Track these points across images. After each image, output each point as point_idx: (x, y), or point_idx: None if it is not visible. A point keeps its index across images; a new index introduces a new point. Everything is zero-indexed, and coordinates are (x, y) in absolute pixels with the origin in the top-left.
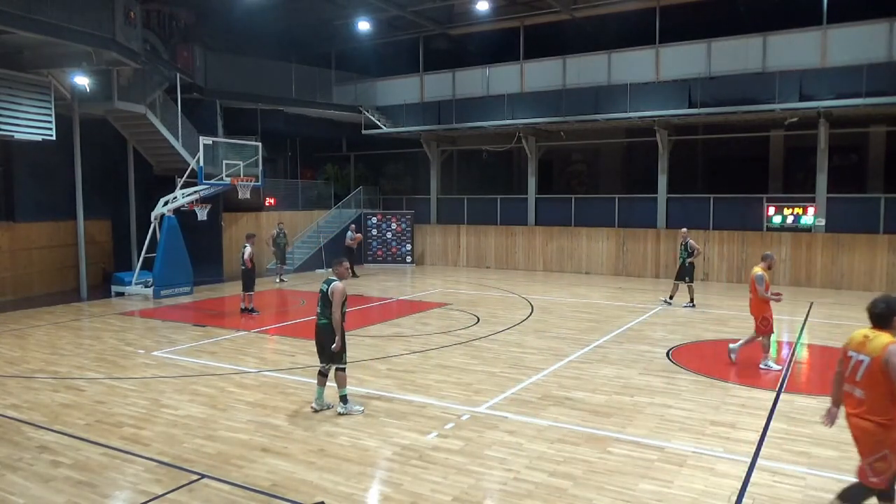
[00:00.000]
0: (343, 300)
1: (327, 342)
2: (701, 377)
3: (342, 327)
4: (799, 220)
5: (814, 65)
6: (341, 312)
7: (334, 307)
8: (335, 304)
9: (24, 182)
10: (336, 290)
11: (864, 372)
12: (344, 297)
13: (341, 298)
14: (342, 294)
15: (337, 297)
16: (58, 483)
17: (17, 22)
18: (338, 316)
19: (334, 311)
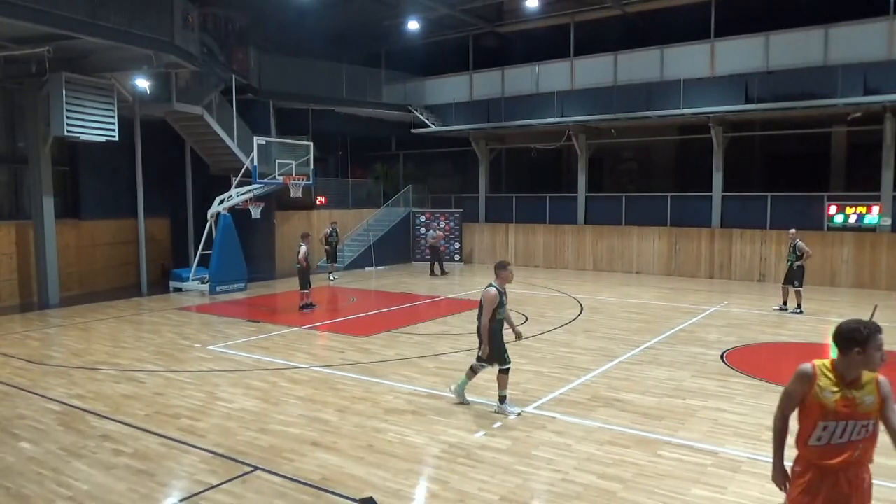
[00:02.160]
0: (494, 306)
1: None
2: (757, 381)
3: (490, 332)
4: (862, 219)
5: (879, 57)
6: (490, 318)
7: (483, 313)
8: (484, 310)
9: (88, 182)
10: (486, 295)
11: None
12: (495, 303)
13: (491, 305)
14: (492, 301)
15: (486, 304)
16: (119, 471)
17: (82, 28)
18: (485, 322)
19: (483, 316)
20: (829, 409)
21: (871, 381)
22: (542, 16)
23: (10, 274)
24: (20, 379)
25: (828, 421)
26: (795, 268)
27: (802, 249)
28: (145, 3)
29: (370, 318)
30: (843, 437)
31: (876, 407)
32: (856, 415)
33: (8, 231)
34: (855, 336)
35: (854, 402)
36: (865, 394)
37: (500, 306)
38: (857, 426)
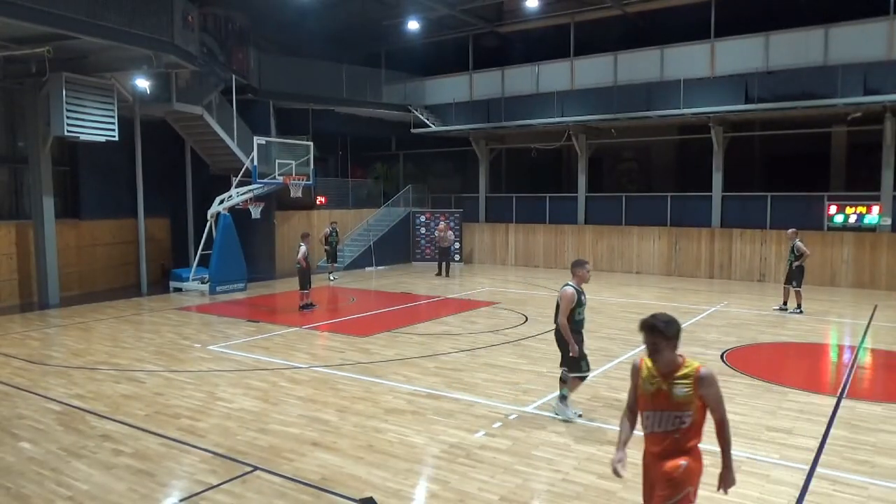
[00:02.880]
0: (571, 305)
1: (560, 346)
2: (756, 381)
3: (570, 333)
4: (862, 219)
5: (879, 57)
6: (567, 318)
7: (560, 313)
8: (561, 309)
9: (88, 182)
10: (564, 295)
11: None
12: (573, 302)
13: (568, 304)
14: (570, 300)
15: (563, 303)
16: (119, 471)
17: (82, 28)
18: (562, 320)
19: (560, 316)
20: (648, 399)
21: (689, 374)
22: (542, 16)
23: (10, 274)
24: (20, 379)
25: (647, 411)
26: (794, 268)
27: (801, 250)
28: (145, 3)
29: (370, 318)
30: (660, 426)
31: (690, 399)
32: (669, 405)
33: (8, 231)
34: (678, 327)
35: (666, 393)
36: (680, 386)
37: (578, 305)
38: (670, 417)
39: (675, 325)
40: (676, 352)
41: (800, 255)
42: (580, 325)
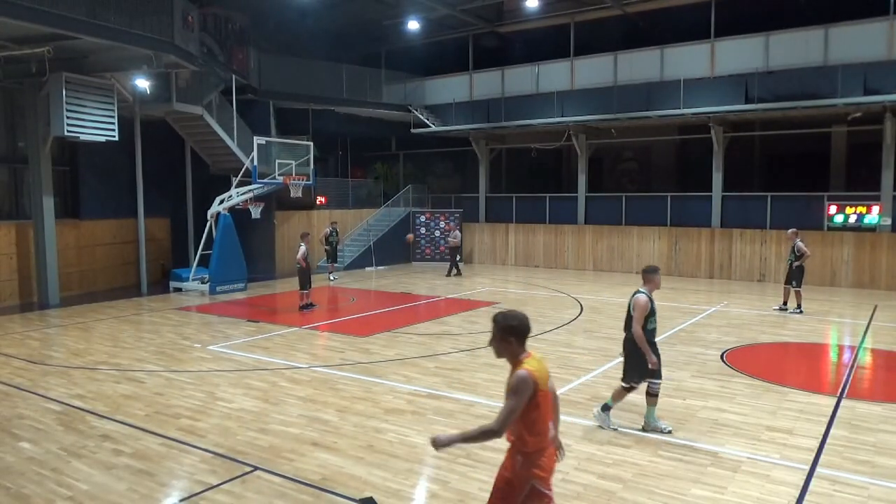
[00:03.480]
0: (645, 314)
1: (628, 355)
2: (757, 381)
3: (646, 342)
4: (862, 219)
5: (879, 57)
6: (643, 327)
7: (634, 321)
8: (635, 318)
9: (88, 181)
10: (637, 302)
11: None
12: (646, 310)
13: (642, 312)
14: (644, 308)
15: (637, 311)
16: (119, 471)
17: (82, 28)
18: (637, 329)
19: (634, 324)
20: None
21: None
22: (542, 16)
23: (10, 274)
24: (20, 379)
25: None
26: (795, 268)
27: (801, 250)
28: (145, 3)
29: (370, 318)
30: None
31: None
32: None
33: (8, 231)
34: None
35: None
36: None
37: (651, 314)
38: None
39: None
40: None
41: (800, 255)
42: (652, 336)
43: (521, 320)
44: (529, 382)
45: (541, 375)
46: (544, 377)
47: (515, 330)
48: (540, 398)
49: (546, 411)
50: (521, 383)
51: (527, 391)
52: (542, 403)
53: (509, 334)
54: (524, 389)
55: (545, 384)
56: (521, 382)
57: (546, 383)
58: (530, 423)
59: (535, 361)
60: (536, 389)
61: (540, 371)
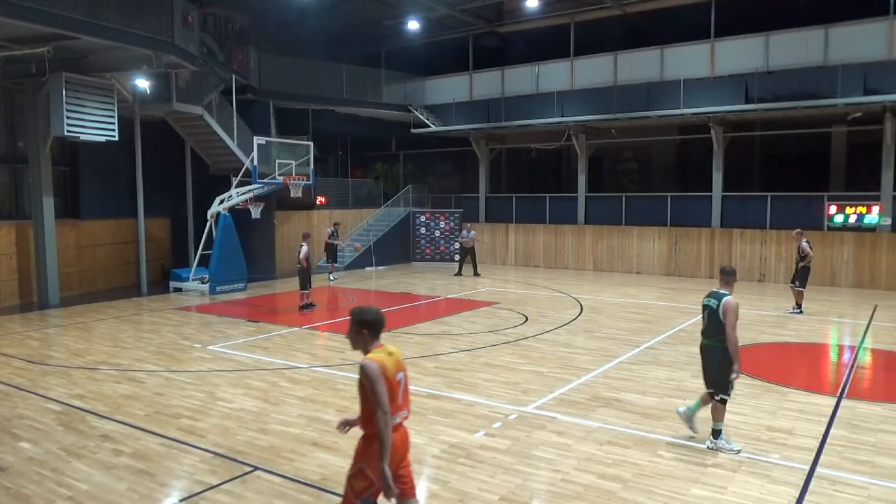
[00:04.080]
0: (736, 320)
1: (710, 365)
2: (757, 381)
3: (737, 351)
4: (862, 219)
5: (880, 57)
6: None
7: (729, 326)
8: (730, 323)
9: (88, 182)
10: (730, 306)
11: (404, 388)
12: (737, 316)
13: (735, 318)
14: (736, 312)
15: (731, 316)
16: (119, 471)
17: (82, 28)
18: (734, 337)
19: (729, 330)
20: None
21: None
22: (542, 16)
23: (10, 274)
24: (20, 379)
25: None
26: (800, 268)
27: (804, 251)
28: (145, 3)
29: None
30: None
31: (359, 383)
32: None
33: (8, 231)
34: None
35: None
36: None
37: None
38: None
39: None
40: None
41: (803, 255)
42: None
43: (375, 315)
44: (375, 369)
45: (385, 365)
46: (391, 367)
47: (369, 323)
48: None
49: (391, 399)
50: (370, 371)
51: (378, 375)
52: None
53: (363, 327)
54: (376, 374)
55: (391, 374)
56: (370, 370)
57: (392, 373)
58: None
59: (382, 352)
60: (385, 377)
61: (385, 361)
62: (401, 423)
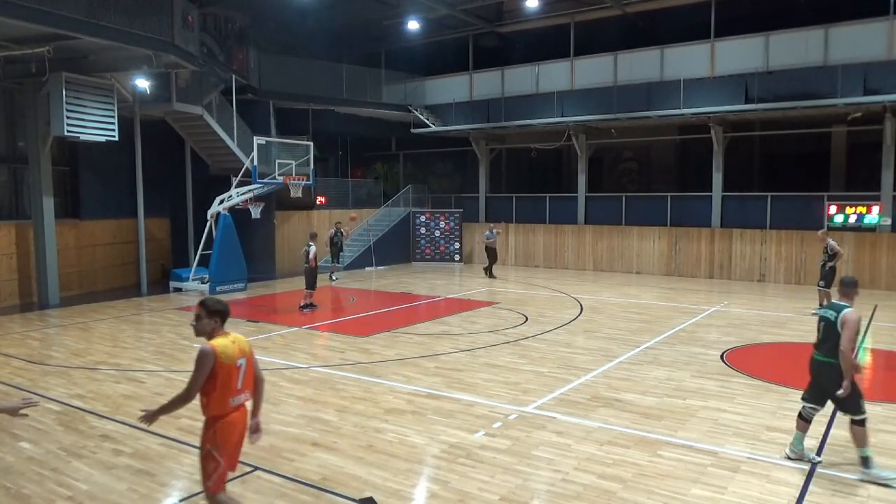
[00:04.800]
0: (856, 335)
1: (827, 382)
2: (757, 381)
3: (852, 367)
4: (862, 219)
5: (880, 57)
6: (852, 349)
7: (845, 340)
8: (847, 337)
9: (88, 181)
10: (850, 320)
11: (245, 373)
12: (857, 330)
13: (854, 332)
14: (855, 326)
15: (850, 330)
16: (119, 471)
17: (82, 28)
18: (848, 349)
19: (845, 343)
20: None
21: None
22: (542, 16)
23: (10, 274)
24: (20, 379)
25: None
26: (828, 268)
27: (834, 249)
28: (145, 3)
29: (370, 318)
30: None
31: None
32: None
33: (8, 231)
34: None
35: None
36: None
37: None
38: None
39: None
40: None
41: (833, 254)
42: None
43: (224, 306)
44: (210, 355)
45: (224, 352)
46: (230, 354)
47: (220, 313)
48: (218, 370)
49: (225, 383)
50: (201, 356)
51: (207, 363)
52: (220, 375)
53: (215, 316)
54: (204, 361)
55: (229, 359)
56: (202, 355)
57: (232, 359)
58: (209, 390)
59: (224, 339)
60: (217, 362)
61: (225, 348)
62: (242, 405)
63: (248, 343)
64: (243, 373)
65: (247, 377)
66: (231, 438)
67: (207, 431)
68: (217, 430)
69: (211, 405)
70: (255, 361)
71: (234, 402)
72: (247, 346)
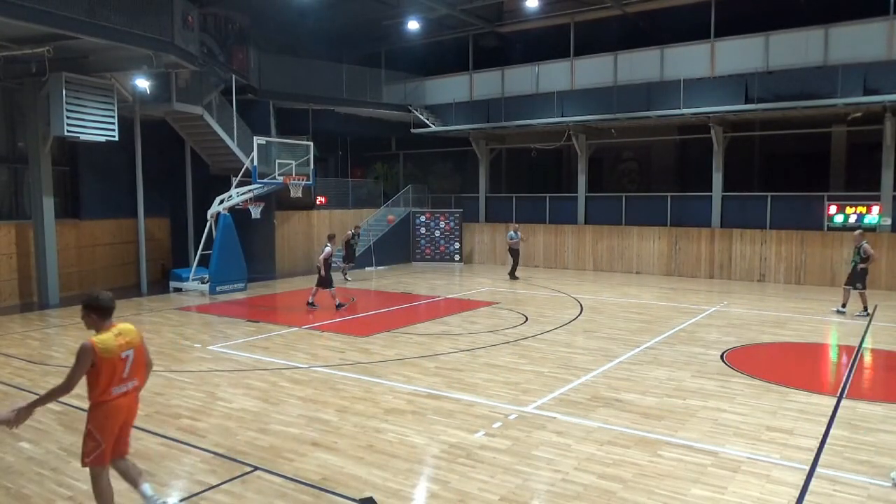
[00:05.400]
0: None
1: None
2: (757, 381)
3: None
4: (862, 219)
5: (879, 57)
6: None
7: None
8: None
9: (88, 182)
10: None
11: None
12: None
13: None
14: None
15: None
16: None
17: (82, 28)
18: None
19: None
20: None
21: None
22: (542, 16)
23: (10, 274)
24: (20, 379)
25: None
26: (859, 270)
27: (868, 251)
28: (145, 3)
29: (370, 318)
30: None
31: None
32: None
33: (8, 231)
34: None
35: None
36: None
37: None
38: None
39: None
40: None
41: (866, 257)
42: None
43: (101, 300)
44: (88, 350)
45: (104, 346)
46: (111, 347)
47: (96, 308)
48: (99, 363)
49: (109, 373)
50: (81, 351)
51: (85, 357)
52: (102, 367)
53: (91, 311)
54: (83, 355)
55: (110, 353)
56: (81, 350)
57: (113, 352)
58: (93, 381)
59: (108, 334)
60: (96, 355)
61: (105, 342)
62: (129, 392)
63: (137, 333)
64: (131, 363)
65: (135, 366)
66: (114, 422)
67: (91, 413)
68: (100, 413)
69: (94, 393)
70: (145, 350)
71: (116, 390)
72: (136, 337)
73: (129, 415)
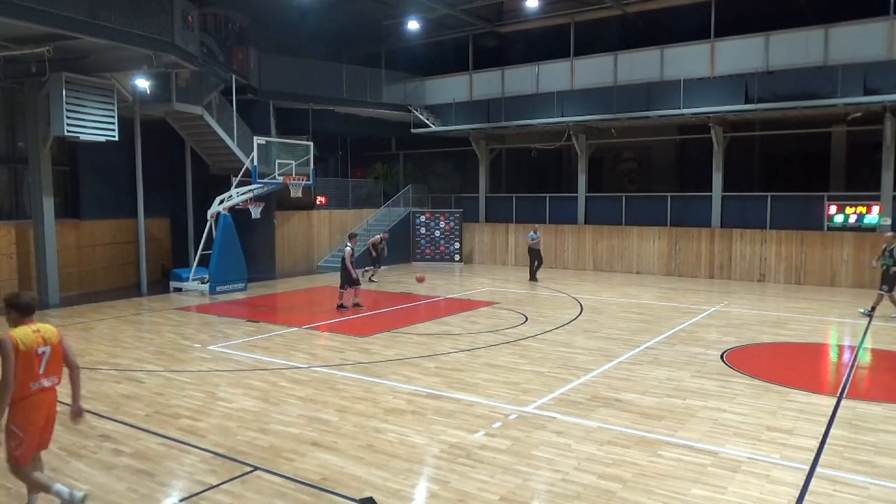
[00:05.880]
0: None
1: None
2: (757, 381)
3: None
4: (862, 219)
5: (879, 57)
6: None
7: None
8: None
9: (88, 182)
10: None
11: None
12: None
13: None
14: None
15: None
16: (119, 471)
17: (82, 28)
18: None
19: None
20: None
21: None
22: (542, 16)
23: (10, 274)
24: None
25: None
26: (892, 273)
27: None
28: (145, 3)
29: (370, 318)
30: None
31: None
32: None
33: (8, 231)
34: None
35: None
36: None
37: None
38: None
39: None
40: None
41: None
42: None
43: (20, 299)
44: (8, 344)
45: (23, 340)
46: (28, 342)
47: (15, 306)
48: (18, 357)
49: (25, 368)
50: (1, 346)
51: (7, 348)
52: (20, 361)
53: (12, 308)
54: (4, 347)
55: (27, 347)
56: (1, 345)
57: (30, 347)
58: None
59: (26, 329)
60: (17, 350)
61: (24, 336)
62: (49, 387)
63: (55, 333)
64: (46, 360)
65: (52, 364)
66: (35, 418)
67: (10, 410)
68: (20, 409)
69: (13, 389)
70: (66, 351)
71: (35, 385)
72: (54, 335)
73: (50, 409)
